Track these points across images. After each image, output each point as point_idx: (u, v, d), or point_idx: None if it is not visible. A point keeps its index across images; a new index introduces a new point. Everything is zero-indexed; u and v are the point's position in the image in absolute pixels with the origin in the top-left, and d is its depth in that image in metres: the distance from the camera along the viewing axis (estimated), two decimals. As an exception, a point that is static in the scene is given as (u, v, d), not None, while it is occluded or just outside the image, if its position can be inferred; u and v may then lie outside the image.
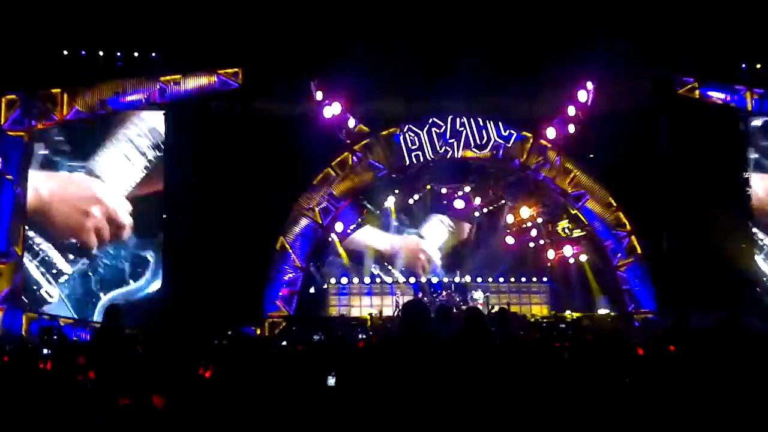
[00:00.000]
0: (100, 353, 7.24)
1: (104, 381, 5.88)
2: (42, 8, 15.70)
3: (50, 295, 17.31)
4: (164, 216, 18.08)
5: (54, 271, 17.43)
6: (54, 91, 17.57)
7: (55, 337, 12.78)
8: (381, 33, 17.09)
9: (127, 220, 17.87)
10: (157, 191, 18.09)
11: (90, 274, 17.57)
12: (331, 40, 16.22)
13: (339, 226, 19.96)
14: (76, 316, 17.21)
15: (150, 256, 17.94)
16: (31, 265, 17.39)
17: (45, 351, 8.85)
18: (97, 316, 16.80)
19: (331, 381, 6.86)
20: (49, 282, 17.39)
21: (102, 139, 17.98)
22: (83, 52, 17.51)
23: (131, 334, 9.30)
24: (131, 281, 17.77)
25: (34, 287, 17.34)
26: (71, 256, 17.55)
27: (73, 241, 17.55)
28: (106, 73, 17.75)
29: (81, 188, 17.75)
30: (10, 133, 17.45)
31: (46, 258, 17.44)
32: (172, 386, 5.67)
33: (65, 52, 17.35)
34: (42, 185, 17.66)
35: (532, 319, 18.59)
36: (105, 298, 17.47)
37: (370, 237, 22.24)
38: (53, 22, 16.22)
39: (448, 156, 19.22)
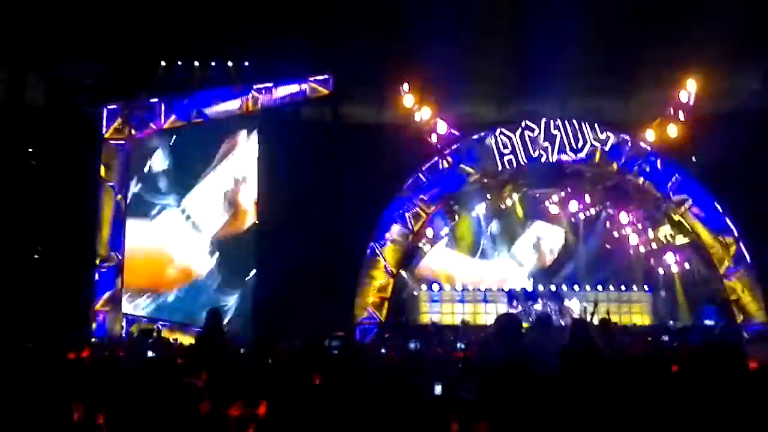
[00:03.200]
0: (204, 357, 7.22)
1: (212, 385, 5.81)
2: (140, 21, 16.18)
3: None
4: (255, 222, 18.34)
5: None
6: (152, 100, 18.13)
7: (155, 338, 12.98)
8: (471, 36, 16.79)
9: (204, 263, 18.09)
10: (245, 231, 18.26)
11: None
12: (420, 43, 16.02)
13: (429, 232, 19.76)
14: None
15: (231, 300, 17.83)
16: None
17: (150, 354, 8.94)
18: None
19: (438, 390, 6.72)
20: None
21: (199, 174, 18.37)
22: (179, 63, 18.02)
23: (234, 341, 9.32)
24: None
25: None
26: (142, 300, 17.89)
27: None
28: (201, 82, 18.19)
29: (163, 236, 18.11)
30: (111, 142, 18.09)
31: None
32: (281, 393, 5.56)
33: (162, 63, 17.89)
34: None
35: (632, 331, 17.77)
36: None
37: (444, 262, 20.91)
38: (151, 35, 16.71)
39: (542, 160, 18.63)
